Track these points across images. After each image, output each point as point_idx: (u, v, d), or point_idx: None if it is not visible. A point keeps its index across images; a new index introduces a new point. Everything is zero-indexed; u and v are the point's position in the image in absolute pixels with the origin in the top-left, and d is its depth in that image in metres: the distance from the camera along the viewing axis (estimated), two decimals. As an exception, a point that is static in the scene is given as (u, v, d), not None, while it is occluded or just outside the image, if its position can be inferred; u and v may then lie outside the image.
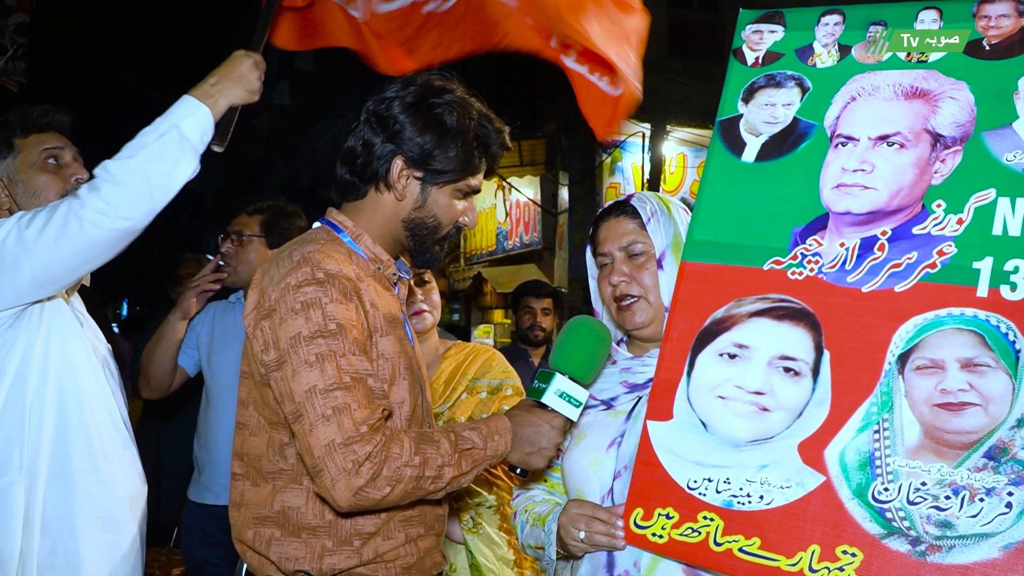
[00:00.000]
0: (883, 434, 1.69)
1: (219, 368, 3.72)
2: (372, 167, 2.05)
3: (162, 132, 2.25)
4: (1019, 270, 1.68)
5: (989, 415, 1.62)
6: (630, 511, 1.87)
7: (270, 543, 1.96)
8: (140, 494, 2.53)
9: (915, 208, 1.80)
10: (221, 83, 2.36)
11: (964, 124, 1.81)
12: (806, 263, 1.87)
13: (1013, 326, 1.65)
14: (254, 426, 2.00)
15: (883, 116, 1.89)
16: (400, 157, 2.03)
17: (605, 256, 2.16)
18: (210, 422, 3.71)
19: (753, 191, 1.98)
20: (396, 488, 1.81)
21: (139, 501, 2.53)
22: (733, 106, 2.07)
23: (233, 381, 3.48)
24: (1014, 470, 1.57)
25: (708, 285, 1.95)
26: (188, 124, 2.28)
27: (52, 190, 2.46)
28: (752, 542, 1.73)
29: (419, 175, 2.05)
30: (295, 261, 1.92)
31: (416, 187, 2.06)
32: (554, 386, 2.00)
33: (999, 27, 1.85)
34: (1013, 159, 1.74)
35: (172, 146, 2.25)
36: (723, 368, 1.87)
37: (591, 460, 2.05)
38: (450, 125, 2.03)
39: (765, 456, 1.78)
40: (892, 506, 1.64)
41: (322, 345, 1.83)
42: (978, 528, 1.56)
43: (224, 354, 3.69)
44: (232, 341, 3.67)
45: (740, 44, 2.10)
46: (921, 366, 1.69)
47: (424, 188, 2.06)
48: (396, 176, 2.04)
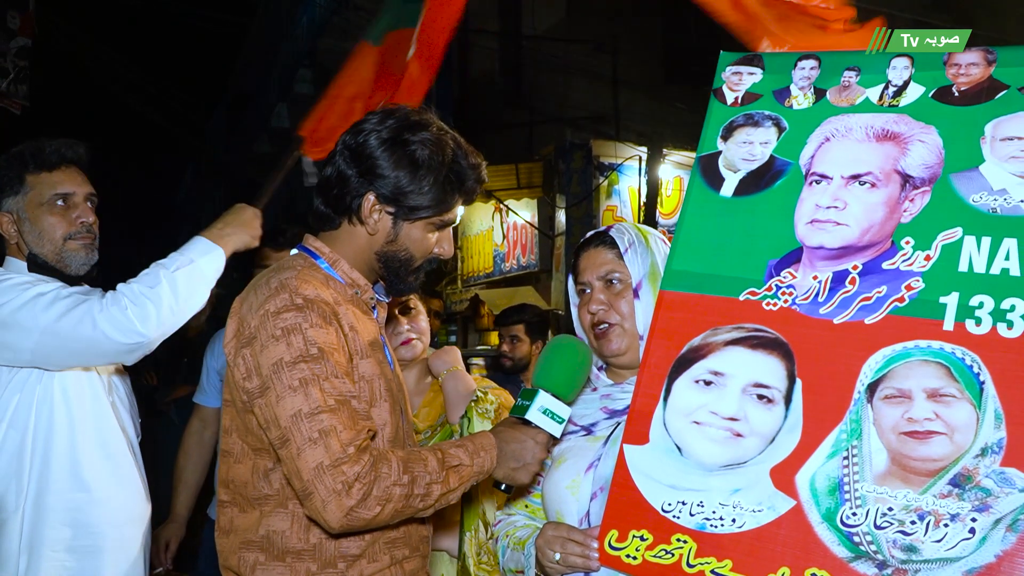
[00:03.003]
0: (852, 460, 1.73)
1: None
2: (345, 200, 2.04)
3: (179, 265, 2.37)
4: (984, 305, 1.73)
5: (954, 444, 1.66)
6: (605, 532, 1.90)
7: (254, 568, 1.95)
8: (137, 518, 2.58)
9: (885, 244, 1.86)
10: (229, 229, 2.50)
11: (932, 166, 1.88)
12: (780, 295, 1.92)
13: (977, 359, 1.70)
14: (238, 453, 2.01)
15: (855, 156, 1.96)
16: (372, 192, 2.02)
17: (584, 285, 2.21)
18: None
19: (730, 224, 2.04)
20: (386, 507, 1.82)
21: (137, 525, 2.57)
22: (713, 143, 2.13)
23: None
24: (978, 497, 1.62)
25: (685, 314, 2.00)
26: (205, 261, 2.41)
27: (58, 231, 2.51)
28: (724, 564, 1.76)
29: (391, 211, 2.03)
30: (273, 288, 1.92)
31: (388, 222, 2.05)
32: (537, 403, 2.03)
33: (968, 75, 1.92)
34: (979, 200, 1.81)
35: (189, 279, 2.38)
36: (699, 394, 1.91)
37: (570, 483, 2.08)
38: (424, 162, 2.01)
39: (738, 480, 1.82)
40: (860, 530, 1.68)
41: (305, 370, 1.83)
42: (943, 553, 1.61)
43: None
44: None
45: (720, 84, 2.17)
46: (889, 395, 1.74)
47: (396, 223, 2.05)
48: (368, 211, 2.03)
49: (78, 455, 2.45)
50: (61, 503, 2.42)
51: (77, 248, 2.52)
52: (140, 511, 2.58)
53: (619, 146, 13.14)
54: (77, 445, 2.45)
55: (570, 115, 13.36)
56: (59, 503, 2.42)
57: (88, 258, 2.54)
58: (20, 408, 2.41)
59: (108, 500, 2.48)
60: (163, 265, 2.37)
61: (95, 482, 2.46)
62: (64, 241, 2.51)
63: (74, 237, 2.52)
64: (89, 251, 2.54)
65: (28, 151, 2.56)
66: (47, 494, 2.41)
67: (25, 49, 7.03)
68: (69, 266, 2.52)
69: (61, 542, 2.41)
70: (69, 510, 2.43)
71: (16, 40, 6.99)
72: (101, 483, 2.48)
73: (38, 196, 2.53)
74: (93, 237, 2.56)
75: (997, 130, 1.85)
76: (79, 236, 2.53)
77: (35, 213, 2.52)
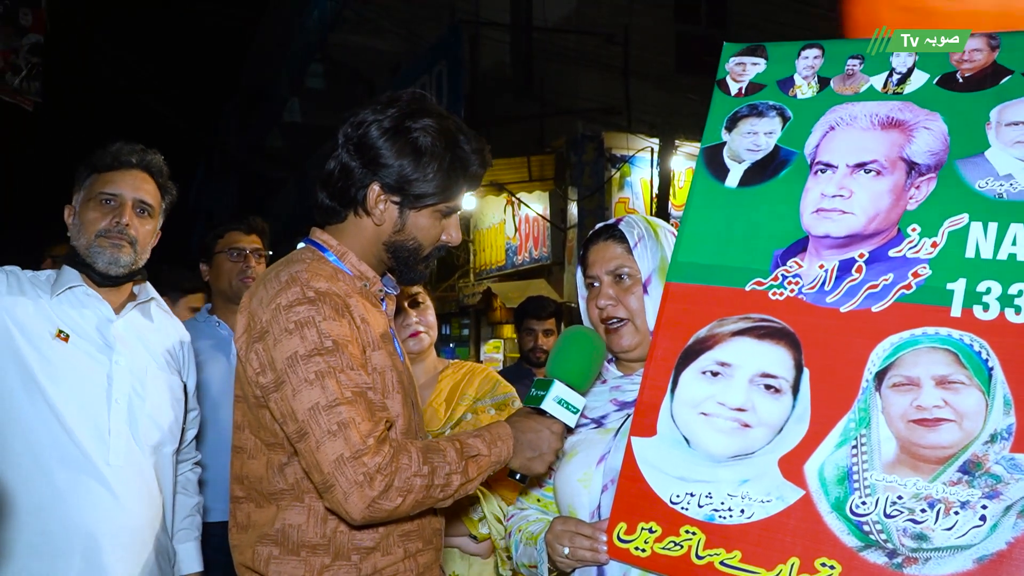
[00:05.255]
0: (861, 449, 1.74)
1: (206, 385, 3.64)
2: (350, 193, 2.04)
3: None
4: (991, 291, 1.73)
5: (963, 430, 1.67)
6: (613, 525, 1.91)
7: (268, 561, 1.96)
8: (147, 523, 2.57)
9: (891, 232, 1.86)
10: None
11: (938, 153, 1.88)
12: (786, 284, 1.93)
13: (986, 345, 1.70)
14: (251, 449, 2.01)
15: (860, 145, 1.95)
16: (377, 183, 2.01)
17: (593, 278, 2.20)
18: (207, 442, 3.71)
19: (736, 215, 2.04)
20: (408, 498, 1.82)
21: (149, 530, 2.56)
22: (717, 134, 2.13)
23: (221, 396, 3.51)
24: (988, 484, 1.62)
25: (692, 305, 2.00)
26: None
27: (92, 227, 2.54)
28: (733, 555, 1.77)
29: (397, 200, 2.03)
30: (283, 282, 1.92)
31: (394, 211, 2.04)
32: (553, 393, 2.03)
33: (972, 61, 1.92)
34: (985, 186, 1.81)
35: None
36: (706, 385, 1.92)
37: (582, 476, 2.09)
38: (427, 149, 2.00)
39: (746, 471, 1.82)
40: (869, 519, 1.68)
41: (320, 363, 1.83)
42: (953, 540, 1.61)
43: (209, 370, 3.64)
44: (216, 353, 3.67)
45: (724, 75, 2.17)
46: (897, 383, 1.74)
47: (402, 212, 2.04)
48: (373, 202, 2.03)
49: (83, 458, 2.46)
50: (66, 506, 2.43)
51: (105, 245, 2.54)
52: (150, 516, 2.59)
53: (631, 138, 13.09)
54: (83, 448, 2.46)
55: (581, 107, 13.32)
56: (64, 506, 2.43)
57: (113, 257, 2.55)
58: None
59: (114, 505, 2.49)
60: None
61: (101, 485, 2.47)
62: (96, 237, 2.54)
63: (105, 235, 2.54)
64: (116, 251, 2.55)
65: (104, 150, 2.63)
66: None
67: (37, 46, 7.06)
68: (96, 263, 2.54)
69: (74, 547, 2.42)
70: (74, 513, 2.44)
71: (28, 37, 7.02)
72: (107, 487, 2.48)
73: (89, 192, 2.59)
74: (128, 240, 2.57)
75: (1002, 115, 1.84)
76: (111, 235, 2.55)
77: (84, 208, 2.58)
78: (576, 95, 13.58)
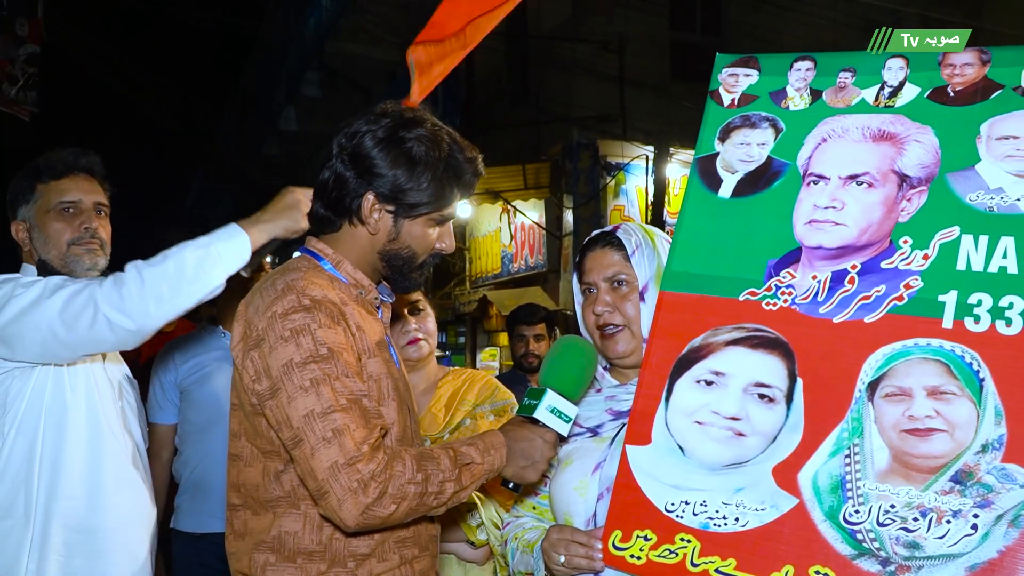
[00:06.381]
0: (854, 458, 1.75)
1: (216, 396, 3.69)
2: (345, 202, 2.05)
3: (197, 246, 2.31)
4: (982, 303, 1.75)
5: (955, 440, 1.68)
6: (609, 533, 1.92)
7: (265, 568, 1.96)
8: (144, 522, 2.61)
9: (883, 244, 1.88)
10: (267, 215, 2.39)
11: (929, 166, 1.90)
12: (780, 294, 1.94)
13: (977, 356, 1.72)
14: (248, 457, 2.02)
15: (852, 157, 1.97)
16: (371, 192, 2.02)
17: (589, 285, 2.22)
18: (218, 452, 3.73)
19: (729, 225, 2.05)
20: (401, 505, 1.83)
21: (144, 528, 2.61)
22: (710, 144, 2.15)
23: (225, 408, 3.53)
24: (979, 493, 1.64)
25: (686, 314, 2.02)
26: (225, 246, 2.32)
27: (63, 237, 2.56)
28: (728, 563, 1.78)
29: (391, 209, 2.04)
30: (279, 290, 1.93)
31: (389, 221, 2.06)
32: (545, 402, 2.04)
33: (963, 75, 1.94)
34: (976, 199, 1.82)
35: (201, 263, 2.30)
36: (700, 394, 1.93)
37: (577, 484, 2.10)
38: (420, 158, 2.02)
39: (741, 479, 1.84)
40: (863, 528, 1.69)
41: (315, 370, 1.84)
42: (945, 549, 1.62)
43: (218, 380, 3.68)
44: (224, 364, 3.66)
45: (717, 86, 2.18)
46: (890, 393, 1.76)
47: (397, 221, 2.06)
48: (368, 211, 2.04)
49: (87, 460, 2.48)
50: (70, 508, 2.45)
51: (81, 253, 2.57)
52: (147, 515, 2.62)
53: (626, 145, 13.11)
54: (86, 450, 2.48)
55: (577, 115, 13.34)
56: (68, 508, 2.45)
57: (92, 263, 2.58)
58: (29, 414, 2.44)
59: (116, 505, 2.51)
60: (183, 246, 2.33)
61: (104, 487, 2.49)
62: (68, 247, 2.56)
63: (78, 243, 2.57)
64: (93, 256, 2.58)
65: (40, 161, 2.63)
66: (56, 499, 2.44)
67: (34, 56, 7.07)
68: (74, 271, 2.56)
69: (69, 546, 2.44)
70: (78, 515, 2.46)
71: (25, 47, 7.04)
72: (110, 488, 2.51)
73: (46, 203, 2.59)
74: (99, 243, 2.60)
75: (993, 129, 1.86)
76: (83, 242, 2.57)
77: (43, 220, 2.58)
78: (572, 103, 13.61)
